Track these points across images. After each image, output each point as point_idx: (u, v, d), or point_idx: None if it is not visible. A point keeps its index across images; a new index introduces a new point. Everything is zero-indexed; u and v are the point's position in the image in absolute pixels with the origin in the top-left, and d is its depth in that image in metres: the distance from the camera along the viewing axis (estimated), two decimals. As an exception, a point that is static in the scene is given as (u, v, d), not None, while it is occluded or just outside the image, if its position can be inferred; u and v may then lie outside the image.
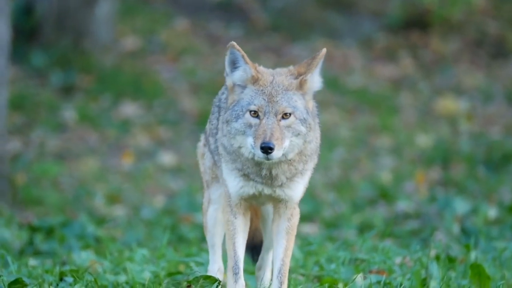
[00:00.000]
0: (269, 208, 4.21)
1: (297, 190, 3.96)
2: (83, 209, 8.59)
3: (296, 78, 3.85)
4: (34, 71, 11.61)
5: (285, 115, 3.79)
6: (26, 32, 11.72)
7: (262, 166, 3.87)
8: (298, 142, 3.82)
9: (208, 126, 4.22)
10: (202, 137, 4.31)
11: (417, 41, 13.73)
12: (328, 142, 10.71)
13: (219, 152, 4.00)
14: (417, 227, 7.98)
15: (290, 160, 3.86)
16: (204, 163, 4.27)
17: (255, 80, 3.85)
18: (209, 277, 4.26)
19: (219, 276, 4.31)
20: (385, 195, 9.15)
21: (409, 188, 9.56)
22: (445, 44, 13.64)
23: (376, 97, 12.24)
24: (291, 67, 3.92)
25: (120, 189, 9.42)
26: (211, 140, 4.14)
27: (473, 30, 13.89)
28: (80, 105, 11.12)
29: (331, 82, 12.49)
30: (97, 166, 9.90)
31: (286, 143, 3.78)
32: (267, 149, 3.73)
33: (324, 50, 3.90)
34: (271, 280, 4.21)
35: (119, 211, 8.71)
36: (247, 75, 3.86)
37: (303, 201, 9.28)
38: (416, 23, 13.82)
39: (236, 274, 3.99)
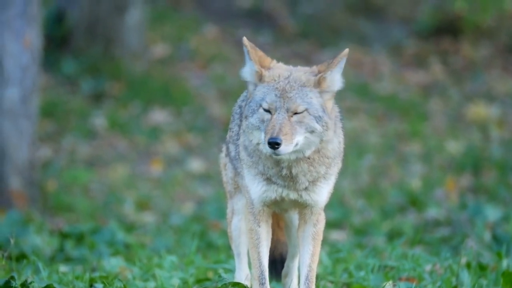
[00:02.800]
0: (292, 215, 4.19)
1: (321, 194, 3.94)
2: (113, 216, 8.64)
3: (316, 75, 3.84)
4: (65, 78, 11.72)
5: (298, 111, 3.79)
6: (57, 40, 11.84)
7: (282, 165, 3.85)
8: (314, 139, 3.80)
9: (228, 134, 4.23)
10: (224, 148, 4.32)
11: (447, 47, 13.64)
12: (357, 148, 10.67)
13: (240, 158, 4.00)
14: (448, 234, 7.91)
15: (309, 159, 3.84)
16: (227, 173, 4.27)
17: (259, 77, 3.85)
18: (238, 284, 4.26)
19: (247, 283, 4.30)
20: (414, 202, 9.08)
21: (439, 195, 9.48)
22: (476, 50, 13.53)
23: (406, 104, 12.17)
24: (314, 66, 3.93)
25: (149, 195, 9.46)
26: (232, 147, 4.15)
27: (505, 35, 13.76)
28: (110, 112, 11.20)
29: (360, 89, 12.44)
30: (126, 173, 9.96)
31: (298, 138, 3.77)
32: (273, 144, 3.72)
33: (346, 50, 3.87)
34: (298, 286, 4.20)
35: (148, 218, 8.75)
36: (251, 71, 3.87)
37: (331, 207, 9.22)
38: (447, 29, 13.73)
39: (262, 284, 3.98)
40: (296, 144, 3.78)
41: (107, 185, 9.64)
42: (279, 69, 3.88)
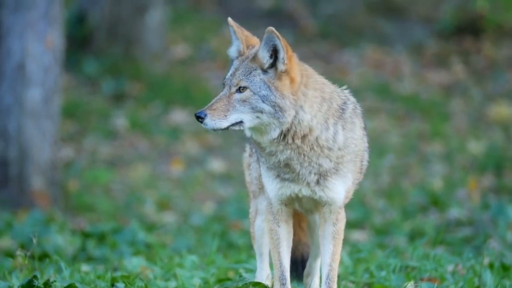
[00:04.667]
0: (316, 216, 4.18)
1: (336, 191, 3.92)
2: (134, 216, 8.67)
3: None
4: (86, 79, 11.79)
5: (241, 89, 3.79)
6: (78, 41, 11.91)
7: (267, 150, 3.85)
8: (269, 120, 3.78)
9: None
10: (247, 147, 4.33)
11: (469, 47, 13.55)
12: (378, 148, 10.63)
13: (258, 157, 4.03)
14: (470, 234, 7.86)
15: (292, 145, 3.81)
16: (251, 173, 4.28)
17: (240, 54, 3.90)
18: (259, 283, 4.25)
19: (268, 283, 4.30)
20: (436, 202, 9.03)
21: (461, 195, 9.42)
22: (497, 50, 13.43)
23: (427, 104, 12.11)
24: None
25: (170, 195, 9.48)
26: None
27: (527, 34, 13.65)
28: (131, 112, 11.24)
29: (381, 89, 12.39)
30: (147, 173, 9.99)
31: (239, 116, 3.77)
32: (197, 117, 3.79)
33: (268, 28, 3.81)
34: (320, 286, 4.18)
35: (169, 218, 8.77)
36: (236, 50, 3.91)
37: (352, 207, 9.19)
38: (468, 29, 13.64)
39: (283, 284, 3.98)
40: (240, 122, 3.78)
41: (128, 185, 9.67)
42: (255, 48, 3.88)
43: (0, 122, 8.37)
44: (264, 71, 3.82)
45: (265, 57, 3.82)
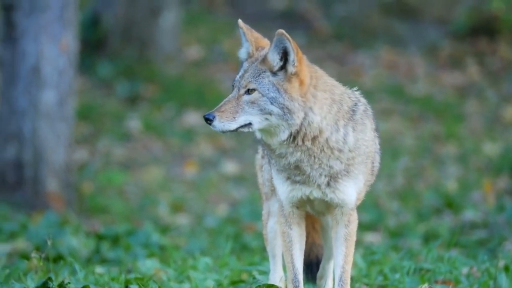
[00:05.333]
0: (328, 218, 4.17)
1: (347, 193, 3.91)
2: (148, 218, 8.68)
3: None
4: (101, 81, 11.83)
5: (249, 91, 3.79)
6: (93, 44, 11.95)
7: (277, 152, 3.85)
8: (278, 122, 3.78)
9: None
10: (260, 149, 4.33)
11: (484, 47, 13.49)
12: (392, 150, 10.60)
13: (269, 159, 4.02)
14: (485, 237, 7.81)
15: (302, 147, 3.81)
16: (263, 175, 4.29)
17: (250, 56, 3.91)
18: (272, 286, 4.25)
19: (281, 285, 4.30)
20: (451, 204, 8.99)
21: (476, 197, 9.37)
22: (512, 50, 13.36)
23: (441, 105, 12.06)
24: None
25: (183, 197, 9.49)
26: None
27: (542, 35, 13.58)
28: (145, 114, 11.27)
29: (395, 90, 12.35)
30: (161, 175, 10.01)
31: (248, 118, 3.77)
32: (206, 120, 3.79)
33: (278, 31, 3.82)
34: (333, 288, 4.18)
35: (182, 220, 8.78)
36: (246, 51, 3.92)
37: (366, 209, 9.15)
38: (483, 30, 13.58)
39: (296, 287, 3.98)
40: (249, 124, 3.79)
41: (142, 187, 9.69)
42: (265, 50, 3.89)
43: (15, 125, 8.41)
44: (274, 74, 3.82)
45: (275, 60, 3.82)
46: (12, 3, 8.30)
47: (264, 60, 3.83)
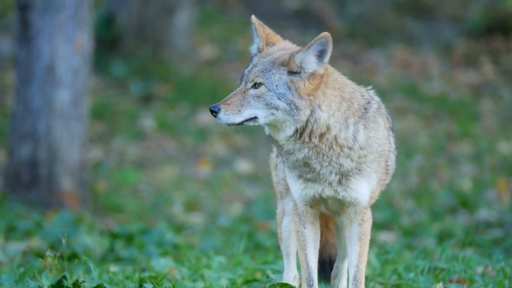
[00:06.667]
0: (342, 218, 4.16)
1: (360, 192, 3.89)
2: (162, 216, 8.70)
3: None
4: (115, 80, 11.86)
5: (256, 85, 3.79)
6: (107, 43, 11.99)
7: (285, 149, 3.85)
8: (284, 117, 3.79)
9: None
10: (274, 148, 4.32)
11: (498, 46, 13.42)
12: (406, 149, 10.57)
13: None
14: (500, 236, 7.77)
15: (309, 144, 3.80)
16: (277, 174, 4.28)
17: (259, 51, 3.92)
18: (286, 284, 4.25)
19: (295, 284, 4.29)
20: (465, 203, 8.95)
21: (490, 196, 9.33)
22: (528, 49, 13.29)
23: (456, 104, 12.01)
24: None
25: (197, 196, 9.51)
26: None
27: (558, 34, 13.49)
28: (159, 113, 11.29)
29: (409, 89, 12.31)
30: (175, 174, 10.03)
31: (253, 112, 3.78)
32: (211, 111, 3.81)
33: (324, 33, 3.83)
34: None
35: (196, 219, 8.79)
36: (257, 47, 3.94)
37: (380, 208, 9.12)
38: (498, 28, 13.51)
39: (310, 286, 3.97)
40: (255, 118, 3.79)
41: (156, 186, 9.71)
42: (276, 46, 3.91)
43: (29, 124, 8.45)
44: (293, 73, 3.81)
45: (311, 61, 3.81)
46: (27, 2, 8.34)
47: (289, 58, 3.81)
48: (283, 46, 3.92)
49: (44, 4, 8.33)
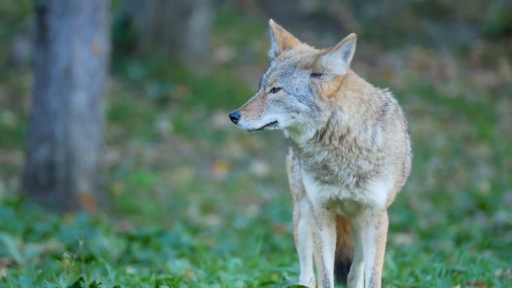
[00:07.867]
0: (359, 220, 4.15)
1: (377, 194, 3.88)
2: (178, 219, 8.71)
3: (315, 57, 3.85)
4: (131, 83, 11.90)
5: (275, 89, 3.79)
6: (124, 46, 12.03)
7: (304, 151, 3.84)
8: (305, 119, 3.78)
9: None
10: (290, 150, 4.32)
11: (516, 47, 13.34)
12: (423, 151, 10.52)
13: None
14: (518, 238, 7.72)
15: (329, 146, 3.80)
16: (294, 176, 4.27)
17: (277, 55, 3.92)
18: (302, 287, 4.24)
19: (311, 286, 4.28)
20: (483, 205, 8.90)
21: (509, 198, 9.27)
22: (546, 50, 13.21)
23: (473, 106, 11.95)
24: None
25: (213, 199, 9.51)
26: None
27: None
28: (175, 116, 11.31)
29: (426, 91, 12.27)
30: (191, 176, 10.04)
31: (273, 116, 3.77)
32: (231, 118, 3.80)
33: (352, 34, 3.82)
34: (364, 290, 4.16)
35: (213, 221, 8.80)
36: (274, 51, 3.93)
37: (397, 211, 9.08)
38: (516, 29, 13.43)
39: (327, 288, 3.96)
40: (275, 122, 3.78)
41: (172, 188, 9.73)
42: (294, 49, 3.90)
43: (47, 126, 8.49)
44: (316, 74, 3.81)
45: (338, 63, 3.80)
46: (44, 6, 8.38)
47: (315, 60, 3.80)
48: (300, 49, 3.92)
49: (62, 7, 8.37)
